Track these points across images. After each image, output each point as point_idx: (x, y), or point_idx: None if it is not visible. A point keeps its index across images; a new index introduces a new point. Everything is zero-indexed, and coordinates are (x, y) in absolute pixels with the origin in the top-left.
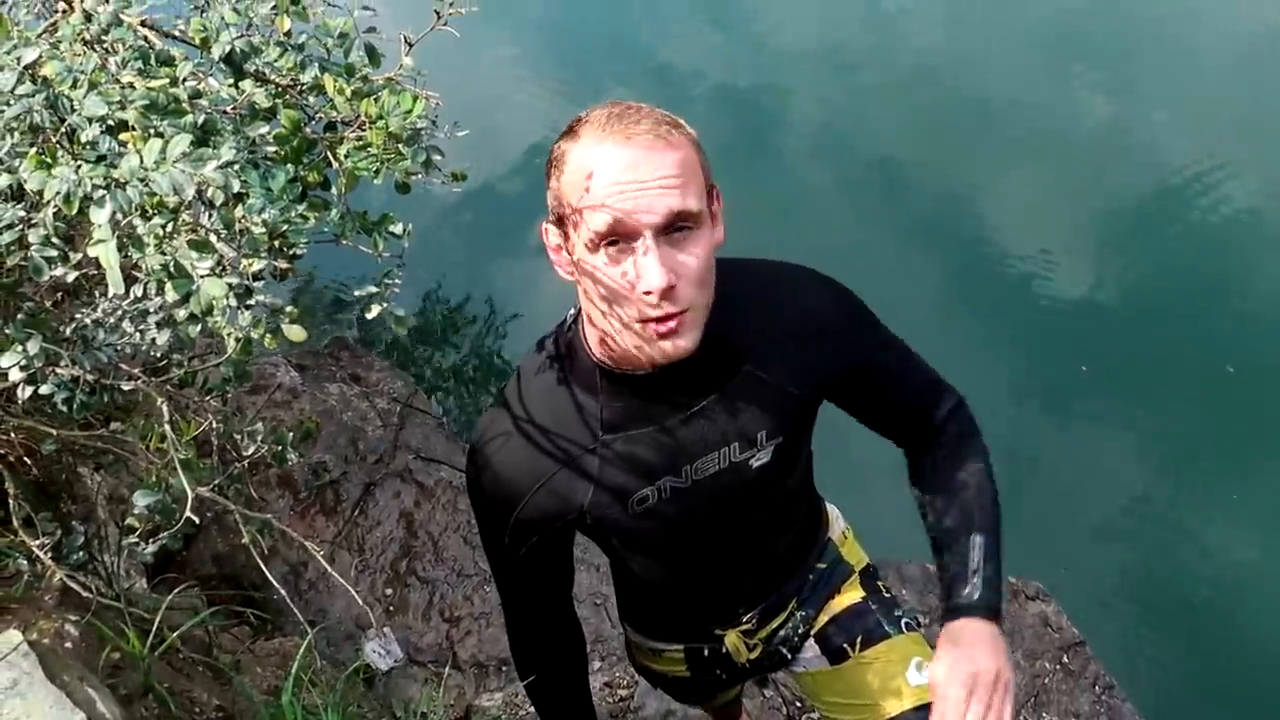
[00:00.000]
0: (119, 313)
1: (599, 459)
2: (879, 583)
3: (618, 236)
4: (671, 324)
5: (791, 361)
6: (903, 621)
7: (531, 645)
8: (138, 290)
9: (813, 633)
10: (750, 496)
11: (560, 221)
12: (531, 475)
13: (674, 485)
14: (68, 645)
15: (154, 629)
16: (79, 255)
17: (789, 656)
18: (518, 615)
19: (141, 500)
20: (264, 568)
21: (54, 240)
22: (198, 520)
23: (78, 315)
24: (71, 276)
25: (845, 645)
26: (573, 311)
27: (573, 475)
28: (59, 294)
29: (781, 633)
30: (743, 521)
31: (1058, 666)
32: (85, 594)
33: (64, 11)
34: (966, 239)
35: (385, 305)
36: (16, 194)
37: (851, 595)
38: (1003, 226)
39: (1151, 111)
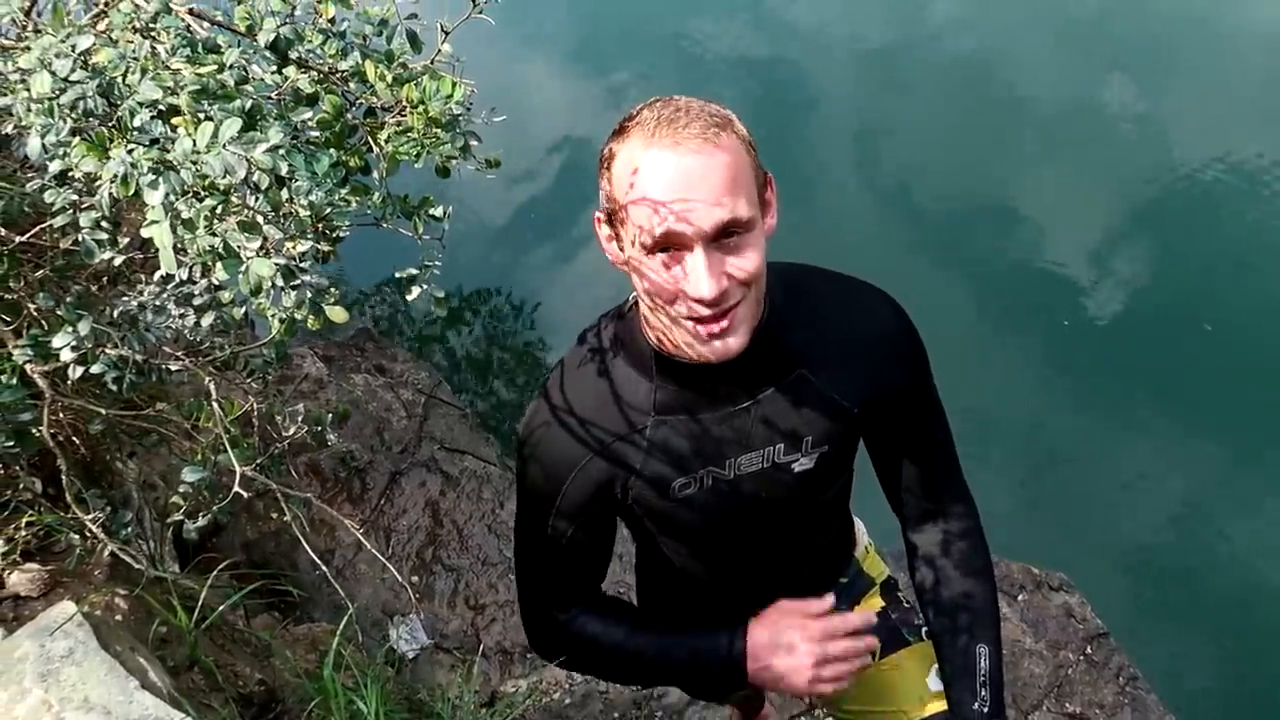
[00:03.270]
0: (164, 296)
1: (645, 441)
2: (899, 594)
3: (669, 244)
4: (724, 323)
5: (844, 373)
6: (922, 630)
7: (551, 631)
8: (182, 274)
9: None
10: (789, 501)
11: (611, 217)
12: (575, 457)
13: (716, 476)
14: (118, 618)
15: (198, 605)
16: (125, 240)
17: None
18: (540, 600)
19: (190, 476)
20: (305, 544)
21: (104, 224)
22: (246, 495)
23: (123, 299)
24: (119, 261)
25: None
26: (633, 296)
27: (617, 457)
28: (103, 280)
29: None
30: (778, 525)
31: (1081, 657)
32: (136, 566)
33: (109, 1)
34: (990, 233)
35: (426, 286)
36: (60, 180)
37: (871, 605)
38: (1023, 220)
39: (1186, 107)
